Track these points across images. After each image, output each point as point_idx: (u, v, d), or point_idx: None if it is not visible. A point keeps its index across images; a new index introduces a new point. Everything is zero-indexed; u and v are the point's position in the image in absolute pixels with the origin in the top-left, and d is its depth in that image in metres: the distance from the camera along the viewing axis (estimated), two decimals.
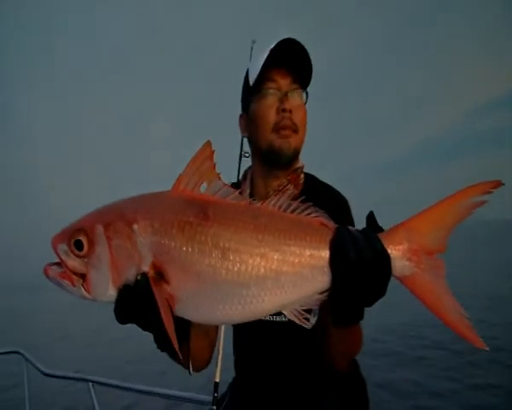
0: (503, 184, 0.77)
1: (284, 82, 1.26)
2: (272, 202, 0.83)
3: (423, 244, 0.80)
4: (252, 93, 1.31)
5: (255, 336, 1.31)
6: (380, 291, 0.78)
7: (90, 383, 2.86)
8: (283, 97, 1.25)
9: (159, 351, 0.94)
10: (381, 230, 0.82)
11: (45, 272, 0.79)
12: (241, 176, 1.47)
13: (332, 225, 0.83)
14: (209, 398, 1.44)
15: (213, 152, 0.81)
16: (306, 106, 1.33)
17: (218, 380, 1.44)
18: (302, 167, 1.37)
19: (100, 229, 0.77)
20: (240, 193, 0.83)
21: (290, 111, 1.24)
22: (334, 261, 0.79)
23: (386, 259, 0.77)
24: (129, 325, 0.81)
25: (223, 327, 1.36)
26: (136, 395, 2.63)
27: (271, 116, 1.25)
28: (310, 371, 1.27)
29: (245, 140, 1.46)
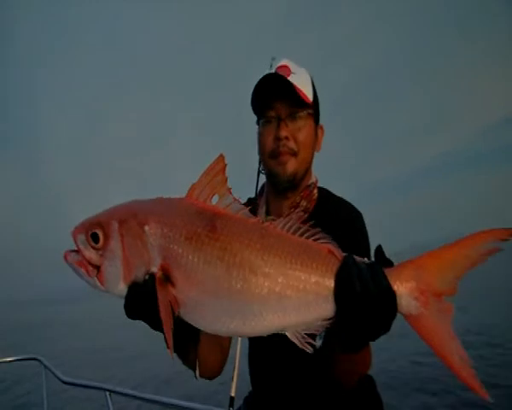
0: None
1: (282, 107, 1.28)
2: (282, 224, 0.83)
3: (432, 285, 0.77)
4: (257, 118, 1.37)
5: (270, 351, 1.31)
6: (384, 327, 0.77)
7: (107, 393, 2.87)
8: (280, 125, 1.28)
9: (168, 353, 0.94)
10: (390, 263, 0.80)
11: (64, 257, 0.82)
12: (258, 191, 1.50)
13: (340, 254, 0.82)
14: None
15: (226, 166, 0.83)
16: (322, 124, 1.36)
17: (233, 395, 1.43)
18: (315, 183, 1.39)
19: (115, 225, 0.81)
20: (256, 209, 0.85)
21: (286, 138, 1.27)
22: (338, 292, 0.78)
23: (391, 296, 0.76)
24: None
25: (239, 342, 1.36)
26: (152, 405, 2.62)
27: (269, 144, 1.30)
28: (324, 387, 1.26)
29: None
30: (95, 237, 0.81)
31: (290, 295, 0.79)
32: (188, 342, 0.97)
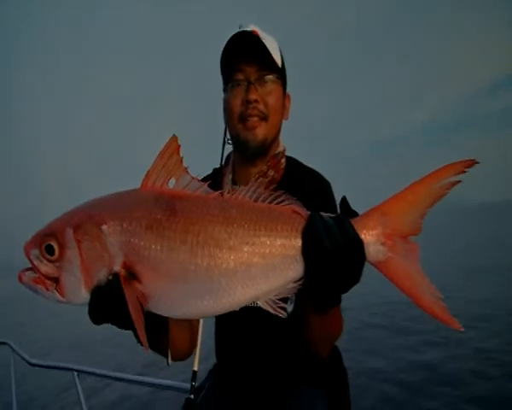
0: (478, 163, 0.74)
1: (251, 70, 1.24)
2: (243, 193, 0.81)
3: (397, 228, 0.78)
4: (224, 81, 1.30)
5: (236, 322, 1.31)
6: (354, 278, 0.77)
7: (75, 373, 2.87)
8: (249, 87, 1.23)
9: (139, 346, 0.93)
10: (355, 214, 0.80)
11: (19, 279, 0.78)
12: (224, 160, 1.45)
13: (304, 212, 0.81)
14: (188, 386, 1.45)
15: (179, 146, 0.80)
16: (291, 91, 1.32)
17: (196, 369, 1.42)
18: (283, 152, 1.36)
19: (69, 232, 0.76)
20: (221, 179, 0.83)
21: (256, 101, 1.22)
22: (306, 250, 0.77)
23: (359, 245, 0.76)
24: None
25: (201, 320, 1.35)
26: (117, 383, 2.65)
27: (237, 107, 1.25)
28: (291, 357, 1.27)
29: None
30: (49, 249, 0.76)
31: (257, 263, 0.78)
32: (158, 332, 0.94)
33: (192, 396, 1.39)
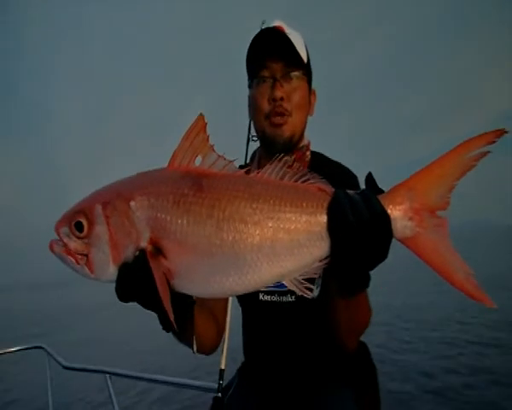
0: (507, 132, 0.72)
1: (277, 67, 1.24)
2: (268, 171, 0.81)
3: (425, 202, 0.76)
4: (250, 78, 1.31)
5: (263, 318, 1.30)
6: (381, 254, 0.75)
7: (107, 375, 2.94)
8: (275, 85, 1.23)
9: (164, 332, 0.93)
10: (381, 191, 0.79)
11: (50, 248, 0.80)
12: (249, 159, 1.45)
13: (330, 189, 0.80)
14: (215, 385, 1.46)
15: (206, 124, 0.80)
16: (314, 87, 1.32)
17: (223, 367, 1.41)
18: (308, 145, 1.35)
19: (98, 209, 0.77)
20: (248, 172, 0.82)
21: (282, 98, 1.22)
22: (332, 226, 0.76)
23: (386, 219, 0.74)
24: None
25: (229, 313, 1.33)
26: (147, 383, 2.70)
27: (264, 105, 1.25)
28: (319, 354, 1.26)
29: None
30: (78, 226, 0.78)
31: (283, 239, 0.77)
32: (183, 318, 0.93)
33: (220, 395, 1.39)
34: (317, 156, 1.36)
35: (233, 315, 1.37)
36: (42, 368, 3.91)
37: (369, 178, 0.81)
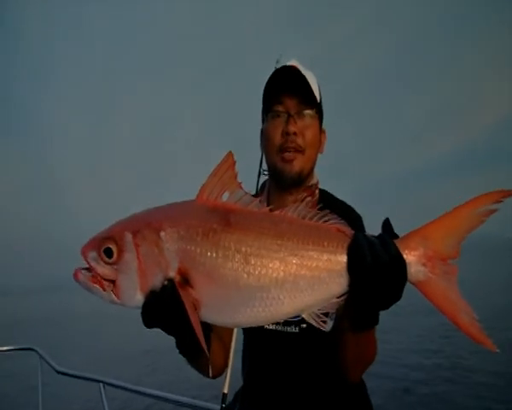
0: None
1: (291, 103, 1.27)
2: (291, 210, 0.86)
3: (437, 251, 0.82)
4: (264, 112, 1.35)
5: (266, 347, 1.31)
6: (395, 295, 0.80)
7: (102, 384, 2.87)
8: (289, 120, 1.26)
9: (180, 356, 0.97)
10: (396, 236, 0.84)
11: (75, 277, 0.80)
12: (259, 188, 1.48)
13: (349, 231, 0.85)
14: (218, 407, 1.43)
15: (235, 162, 0.84)
16: (325, 126, 1.35)
17: (226, 391, 1.41)
18: (317, 184, 1.39)
19: (129, 236, 0.79)
20: (271, 210, 0.86)
21: (295, 134, 1.25)
22: (351, 265, 0.81)
23: (401, 264, 0.79)
24: None
25: (234, 339, 1.36)
26: (145, 398, 2.63)
27: (277, 138, 1.28)
28: (320, 386, 1.27)
29: None
30: (108, 252, 0.79)
31: (305, 275, 0.81)
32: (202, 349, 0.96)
33: None
34: (325, 195, 1.40)
35: (236, 337, 1.37)
36: (34, 371, 3.85)
37: (386, 224, 0.86)
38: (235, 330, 1.35)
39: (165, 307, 0.78)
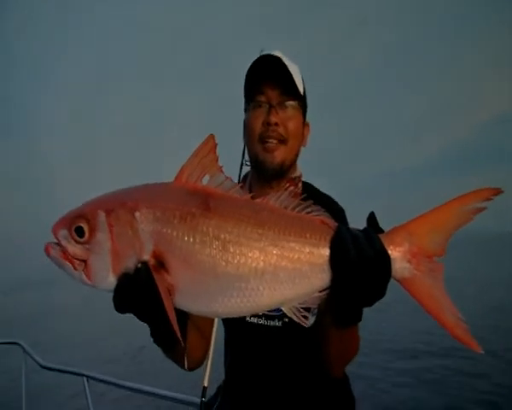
0: (503, 192, 0.77)
1: (273, 94, 1.26)
2: (273, 199, 0.83)
3: (423, 247, 0.80)
4: (246, 101, 1.33)
5: (248, 340, 1.30)
6: (379, 292, 0.78)
7: (85, 378, 2.87)
8: (270, 110, 1.25)
9: (155, 346, 0.94)
10: (381, 231, 0.82)
11: (46, 251, 0.78)
12: (241, 179, 1.48)
13: (333, 223, 0.83)
14: (198, 400, 1.43)
15: (216, 145, 0.81)
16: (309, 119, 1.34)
17: (206, 385, 1.40)
18: (300, 177, 1.37)
19: (102, 215, 0.77)
20: (253, 197, 0.84)
21: (276, 124, 1.24)
22: (334, 260, 0.79)
23: (386, 259, 0.77)
24: None
25: (214, 330, 1.34)
26: (127, 392, 2.64)
27: (257, 128, 1.26)
28: (303, 380, 1.26)
29: None
30: (79, 231, 0.76)
31: (286, 267, 0.79)
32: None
33: None
34: (308, 188, 1.38)
35: (217, 330, 1.35)
36: (17, 366, 3.82)
37: (372, 217, 0.84)
38: (216, 322, 1.34)
39: (138, 291, 0.75)
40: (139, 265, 0.76)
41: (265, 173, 1.28)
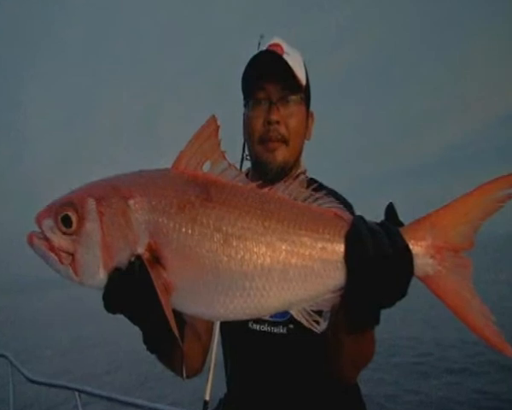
0: None
1: (274, 89, 1.21)
2: (282, 188, 0.77)
3: (448, 241, 0.74)
4: (245, 97, 1.29)
5: (251, 349, 1.24)
6: (400, 291, 0.72)
7: (77, 393, 2.79)
8: (270, 108, 1.20)
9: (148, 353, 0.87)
10: (400, 224, 0.76)
11: (29, 240, 0.71)
12: None
13: (347, 216, 0.77)
14: None
15: (219, 127, 0.75)
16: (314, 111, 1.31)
17: (207, 399, 1.36)
18: (304, 172, 1.33)
19: (92, 203, 0.70)
20: (260, 186, 0.77)
21: (278, 122, 1.19)
22: (350, 257, 0.73)
23: (408, 255, 0.71)
24: None
25: (215, 340, 1.29)
26: (122, 406, 2.56)
27: (258, 128, 1.22)
28: (311, 390, 1.21)
29: None
30: (66, 221, 0.69)
31: (295, 265, 0.73)
32: (172, 339, 0.85)
33: None
34: (313, 184, 1.35)
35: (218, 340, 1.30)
36: (5, 380, 3.71)
37: (390, 209, 0.78)
38: (217, 329, 1.28)
39: (132, 288, 0.68)
40: (132, 259, 0.70)
41: (266, 174, 1.23)
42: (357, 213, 1.28)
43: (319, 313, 0.76)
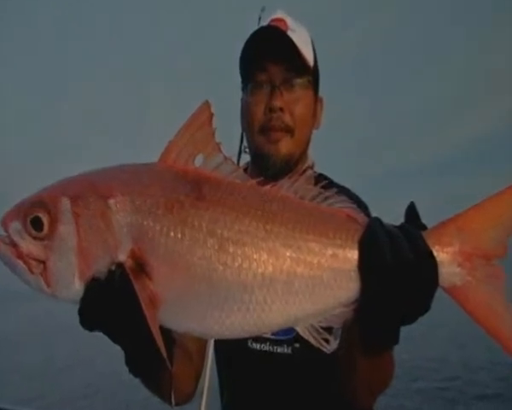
0: None
1: (277, 71, 1.20)
2: (286, 186, 0.77)
3: (478, 247, 0.74)
4: (244, 80, 1.29)
5: (250, 372, 1.26)
6: (423, 305, 0.72)
7: None
8: (273, 92, 1.20)
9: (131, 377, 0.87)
10: (423, 227, 0.76)
11: None
12: None
13: (362, 218, 0.77)
14: None
15: (213, 115, 0.75)
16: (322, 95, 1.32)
17: None
18: (312, 167, 1.34)
19: (66, 203, 0.70)
20: (260, 183, 0.77)
21: (281, 109, 1.19)
22: (365, 265, 0.73)
23: (431, 263, 0.71)
24: None
25: (209, 364, 1.31)
26: None
27: (258, 116, 1.22)
28: None
29: None
30: (36, 223, 0.69)
31: (301, 274, 0.73)
32: (159, 362, 0.85)
33: None
34: (322, 181, 1.36)
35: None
36: None
37: (411, 210, 0.78)
38: (211, 347, 1.29)
39: (112, 301, 0.68)
40: (113, 267, 0.69)
41: (269, 169, 1.23)
42: (373, 214, 1.28)
43: (329, 330, 0.76)
